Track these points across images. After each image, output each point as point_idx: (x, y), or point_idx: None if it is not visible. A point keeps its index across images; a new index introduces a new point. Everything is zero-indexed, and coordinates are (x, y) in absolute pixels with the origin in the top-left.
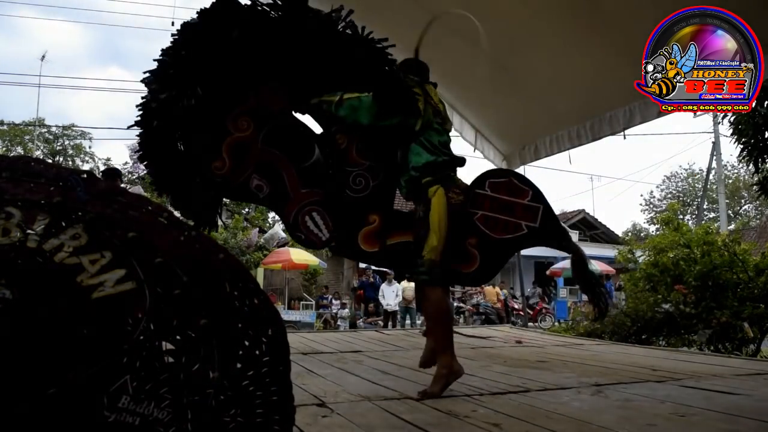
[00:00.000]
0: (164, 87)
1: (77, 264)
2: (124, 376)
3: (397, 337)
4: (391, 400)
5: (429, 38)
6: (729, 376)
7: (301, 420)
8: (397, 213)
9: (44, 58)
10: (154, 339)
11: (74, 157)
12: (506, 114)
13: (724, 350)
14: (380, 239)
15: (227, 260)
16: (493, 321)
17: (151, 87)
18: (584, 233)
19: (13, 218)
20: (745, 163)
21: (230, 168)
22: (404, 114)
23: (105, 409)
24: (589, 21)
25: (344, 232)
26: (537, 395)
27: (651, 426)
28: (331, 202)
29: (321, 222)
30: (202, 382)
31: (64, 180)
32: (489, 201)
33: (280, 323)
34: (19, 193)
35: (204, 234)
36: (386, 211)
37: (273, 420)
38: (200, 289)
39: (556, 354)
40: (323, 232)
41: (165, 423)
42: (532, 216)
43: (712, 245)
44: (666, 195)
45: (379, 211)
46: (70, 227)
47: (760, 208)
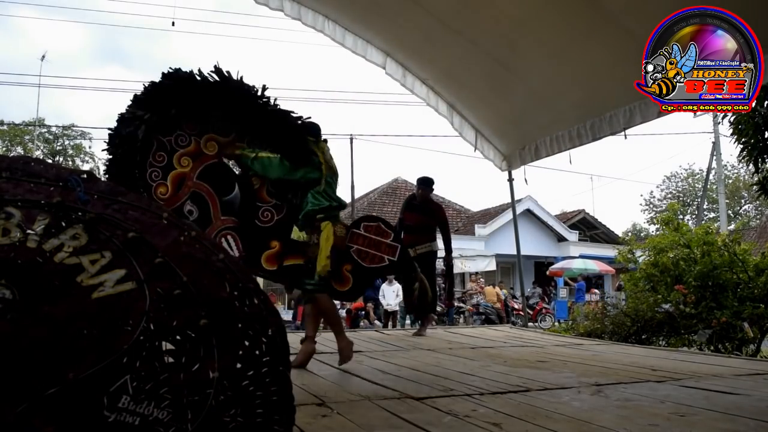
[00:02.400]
0: (127, 125)
1: (77, 264)
2: (124, 376)
3: (397, 337)
4: (391, 400)
5: (429, 38)
6: (729, 376)
7: (301, 420)
8: (293, 242)
9: (44, 58)
10: (154, 339)
11: (74, 157)
12: (506, 114)
13: (724, 350)
14: (278, 261)
15: (227, 260)
16: (493, 321)
17: (120, 121)
18: (584, 233)
19: (13, 218)
20: (745, 163)
21: (171, 194)
22: (305, 170)
23: (105, 409)
24: (589, 21)
25: (251, 253)
26: (537, 395)
27: (651, 426)
28: (242, 228)
29: (233, 244)
30: (202, 382)
31: (64, 180)
32: (362, 238)
33: (280, 323)
34: (19, 193)
35: (204, 234)
36: (285, 240)
37: (273, 420)
38: (200, 289)
39: (556, 354)
40: (234, 251)
41: (165, 423)
42: (393, 252)
43: (712, 245)
44: (666, 195)
45: (279, 239)
46: (70, 227)
47: (760, 208)
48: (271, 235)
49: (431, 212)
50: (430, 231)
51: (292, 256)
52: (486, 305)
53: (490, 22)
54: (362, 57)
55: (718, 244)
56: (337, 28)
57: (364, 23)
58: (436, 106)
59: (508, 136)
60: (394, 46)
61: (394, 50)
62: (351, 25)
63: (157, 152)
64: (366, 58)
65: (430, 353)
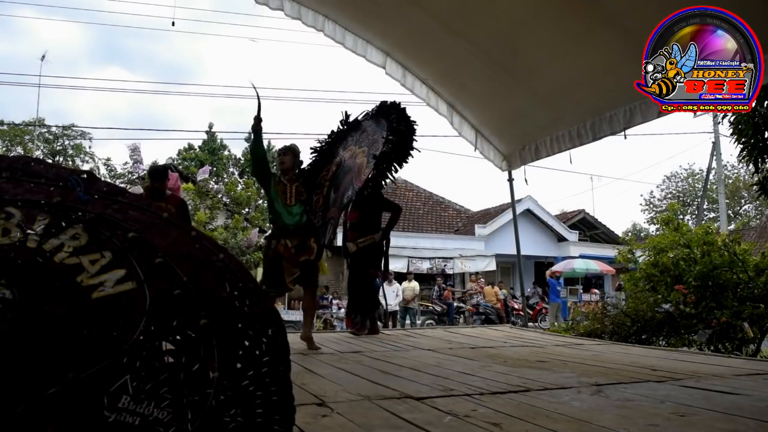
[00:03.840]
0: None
1: (77, 264)
2: (124, 376)
3: (397, 337)
4: (391, 400)
5: (429, 38)
6: (729, 376)
7: (301, 420)
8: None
9: (44, 58)
10: (154, 339)
11: (74, 157)
12: (506, 114)
13: (724, 350)
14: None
15: (227, 260)
16: (493, 321)
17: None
18: (584, 233)
19: (13, 218)
20: (745, 163)
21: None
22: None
23: (105, 409)
24: (589, 21)
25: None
26: (537, 395)
27: (651, 426)
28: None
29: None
30: (202, 382)
31: (64, 180)
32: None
33: (280, 323)
34: (19, 193)
35: (204, 234)
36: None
37: (273, 420)
38: (200, 289)
39: (556, 354)
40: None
41: (165, 423)
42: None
43: (712, 245)
44: (666, 195)
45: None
46: (70, 227)
47: (760, 208)
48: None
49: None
50: (373, 224)
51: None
52: (486, 305)
53: (490, 22)
54: (362, 57)
55: (718, 244)
56: (337, 28)
57: (364, 23)
58: (436, 106)
59: (508, 136)
60: (394, 47)
61: (394, 50)
62: (351, 25)
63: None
64: (366, 58)
65: (430, 353)
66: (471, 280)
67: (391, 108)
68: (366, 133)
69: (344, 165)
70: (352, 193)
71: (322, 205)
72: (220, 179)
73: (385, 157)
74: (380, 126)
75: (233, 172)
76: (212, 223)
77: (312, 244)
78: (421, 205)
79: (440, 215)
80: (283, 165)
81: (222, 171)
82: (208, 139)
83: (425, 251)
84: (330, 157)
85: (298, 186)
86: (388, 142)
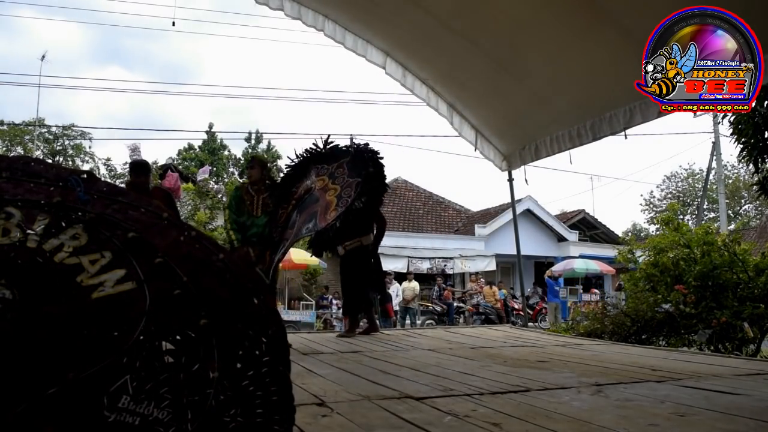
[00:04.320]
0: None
1: (77, 264)
2: (124, 376)
3: (397, 337)
4: (391, 400)
5: (429, 38)
6: (729, 376)
7: (301, 420)
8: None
9: (44, 58)
10: (154, 339)
11: (74, 157)
12: (506, 114)
13: (724, 350)
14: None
15: (227, 260)
16: (493, 321)
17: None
18: (584, 233)
19: (13, 218)
20: (745, 163)
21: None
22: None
23: (105, 409)
24: (589, 21)
25: None
26: (537, 395)
27: (651, 426)
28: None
29: None
30: (202, 382)
31: (64, 180)
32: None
33: (280, 323)
34: (19, 193)
35: (204, 234)
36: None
37: (273, 420)
38: (200, 289)
39: (556, 354)
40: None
41: (165, 423)
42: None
43: (712, 245)
44: (666, 195)
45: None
46: (70, 227)
47: (760, 208)
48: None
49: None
50: (360, 227)
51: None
52: (486, 305)
53: (491, 22)
54: (362, 57)
55: (718, 244)
56: (337, 28)
57: (365, 23)
58: (436, 106)
59: (508, 136)
60: (394, 46)
61: (394, 50)
62: (351, 25)
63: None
64: (366, 58)
65: (430, 353)
66: (471, 280)
67: (368, 161)
68: (343, 169)
69: (313, 193)
70: (313, 227)
71: (283, 222)
72: (220, 179)
73: (353, 210)
74: (355, 171)
75: (233, 172)
76: (212, 223)
77: (268, 257)
78: (421, 205)
79: (440, 215)
80: (251, 177)
81: (222, 171)
82: (208, 139)
83: (425, 251)
84: (302, 176)
85: (264, 198)
86: (360, 196)
